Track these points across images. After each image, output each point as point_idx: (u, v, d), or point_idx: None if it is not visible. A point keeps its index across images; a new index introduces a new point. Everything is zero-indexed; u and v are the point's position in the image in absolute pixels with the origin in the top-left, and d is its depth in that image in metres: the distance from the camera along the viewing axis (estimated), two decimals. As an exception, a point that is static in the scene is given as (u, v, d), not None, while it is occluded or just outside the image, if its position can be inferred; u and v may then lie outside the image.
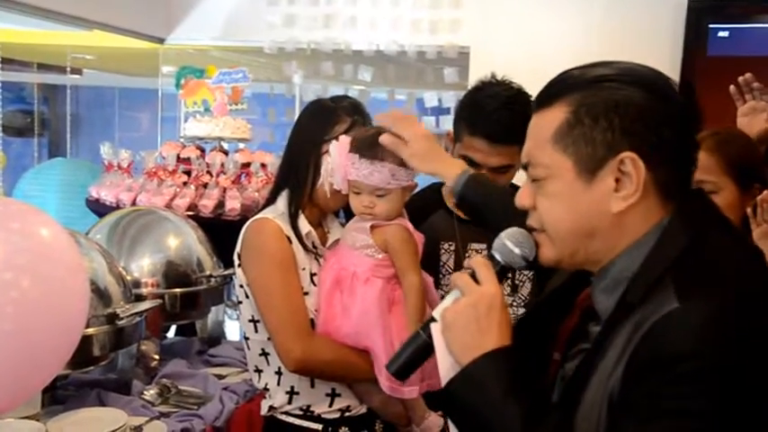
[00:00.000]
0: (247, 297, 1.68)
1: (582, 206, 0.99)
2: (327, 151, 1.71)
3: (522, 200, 1.06)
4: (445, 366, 1.02)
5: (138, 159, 2.94)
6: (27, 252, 1.21)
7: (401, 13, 3.31)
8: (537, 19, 3.19)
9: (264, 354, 1.70)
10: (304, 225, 1.68)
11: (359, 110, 1.83)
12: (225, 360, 2.51)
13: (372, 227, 1.63)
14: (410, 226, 1.66)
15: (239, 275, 1.69)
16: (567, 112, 0.99)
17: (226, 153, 3.05)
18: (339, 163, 1.62)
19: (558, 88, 1.02)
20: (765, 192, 1.87)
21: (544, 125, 1.02)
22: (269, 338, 1.66)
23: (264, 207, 1.80)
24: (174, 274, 2.40)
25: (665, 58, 3.01)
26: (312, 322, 1.65)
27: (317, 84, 3.55)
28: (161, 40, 3.73)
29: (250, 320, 1.69)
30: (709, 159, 1.90)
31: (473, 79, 3.21)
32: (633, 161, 0.95)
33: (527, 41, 3.19)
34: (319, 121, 1.80)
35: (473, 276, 1.05)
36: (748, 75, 2.19)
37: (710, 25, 2.90)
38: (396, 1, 3.31)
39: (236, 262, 1.70)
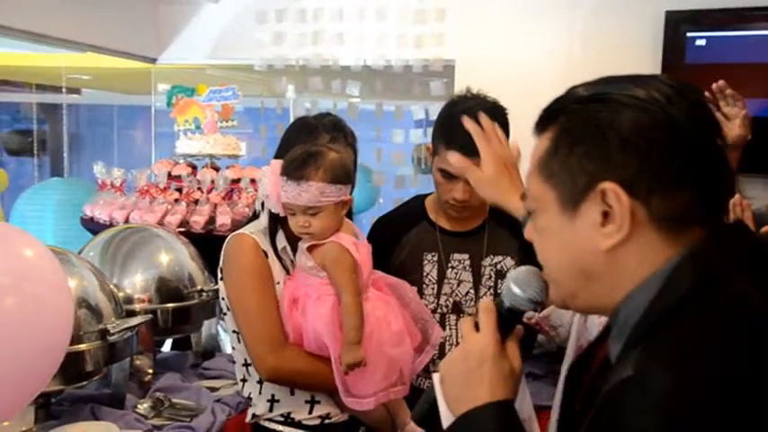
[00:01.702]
0: (229, 309, 1.74)
1: (570, 243, 0.89)
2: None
3: (526, 233, 0.98)
4: (445, 416, 1.00)
5: (131, 178, 3.00)
6: (9, 272, 1.26)
7: (387, 29, 3.37)
8: (520, 31, 3.26)
9: (247, 364, 1.76)
10: (281, 240, 1.74)
11: (339, 126, 1.91)
12: (218, 373, 2.56)
13: (310, 247, 1.67)
14: (347, 241, 1.68)
15: (221, 288, 1.75)
16: (551, 138, 0.90)
17: (217, 170, 3.11)
18: (271, 187, 1.66)
19: (553, 110, 0.92)
20: (737, 195, 1.93)
21: (536, 152, 0.93)
22: None
23: (249, 222, 1.87)
24: (166, 289, 2.46)
25: (645, 66, 3.07)
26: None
27: (306, 99, 3.62)
28: (153, 60, 3.80)
29: (234, 332, 1.75)
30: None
31: (459, 91, 3.30)
32: (615, 193, 0.84)
33: (511, 53, 3.26)
34: (300, 137, 1.86)
35: (477, 323, 1.01)
36: (721, 82, 2.24)
37: (688, 34, 2.96)
38: (382, 16, 3.38)
39: (219, 275, 1.76)
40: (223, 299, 1.75)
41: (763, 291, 0.82)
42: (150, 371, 2.40)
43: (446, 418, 0.99)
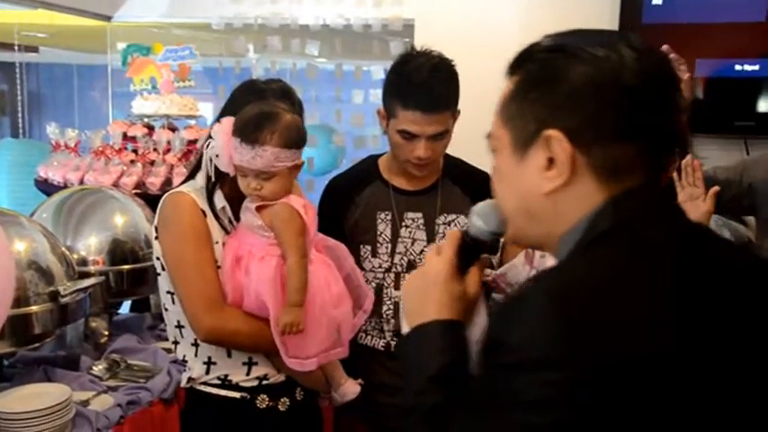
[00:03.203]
0: (164, 269, 1.72)
1: (518, 183, 0.94)
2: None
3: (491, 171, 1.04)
4: (403, 329, 1.07)
5: (85, 139, 2.95)
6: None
7: (345, -13, 3.34)
8: (479, -11, 3.24)
9: (179, 326, 1.74)
10: (219, 200, 1.71)
11: (288, 94, 1.88)
12: (168, 333, 2.56)
13: (258, 207, 1.66)
14: (297, 202, 1.67)
15: (155, 248, 1.72)
16: (514, 83, 0.94)
17: (174, 130, 3.07)
18: (222, 147, 1.64)
19: (521, 56, 0.96)
20: (689, 156, 1.96)
21: (501, 96, 0.97)
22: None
23: (185, 182, 1.84)
24: (121, 251, 2.44)
25: (603, 25, 3.07)
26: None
27: (266, 58, 3.57)
28: (108, 18, 3.71)
29: (168, 292, 1.74)
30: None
31: (404, 50, 3.28)
32: (558, 140, 0.88)
33: (470, 12, 3.24)
34: (247, 100, 1.83)
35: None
36: (665, 46, 2.25)
37: (645, -7, 2.97)
38: (340, -25, 3.34)
39: (153, 234, 1.74)
40: (158, 258, 1.73)
41: (670, 239, 0.87)
42: (106, 333, 2.40)
43: (404, 330, 1.07)
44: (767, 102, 2.85)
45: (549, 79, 0.90)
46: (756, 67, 2.87)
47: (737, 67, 2.92)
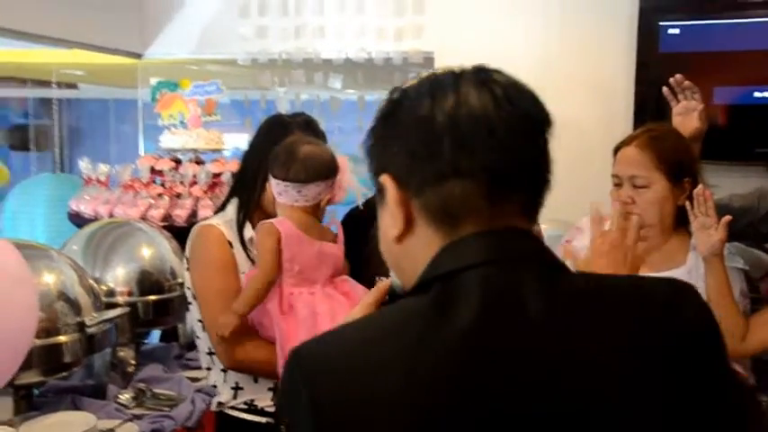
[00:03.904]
0: (195, 298, 1.80)
1: (382, 231, 0.91)
2: None
3: None
4: None
5: (115, 173, 3.06)
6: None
7: (367, 22, 3.41)
8: (497, 22, 3.29)
9: (211, 353, 1.81)
10: (248, 231, 1.79)
11: (311, 126, 1.97)
12: (201, 363, 2.62)
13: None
14: (280, 223, 1.77)
15: (186, 278, 1.81)
16: None
17: (202, 163, 3.16)
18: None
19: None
20: (700, 186, 1.98)
21: None
22: None
23: (216, 213, 1.93)
24: (148, 282, 2.52)
25: (620, 55, 3.11)
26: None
27: (290, 91, 3.66)
28: (139, 56, 3.84)
29: (198, 320, 1.81)
30: (642, 155, 2.02)
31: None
32: (389, 185, 0.87)
33: (488, 44, 3.29)
34: (273, 133, 1.92)
35: None
36: (678, 76, 2.29)
37: (661, 23, 2.99)
38: (361, 9, 3.41)
39: (185, 265, 1.82)
40: (188, 288, 1.81)
41: (479, 295, 0.81)
42: (133, 362, 2.46)
43: None
44: (787, 128, 2.85)
45: (383, 123, 0.89)
46: (775, 95, 2.87)
47: (757, 95, 2.93)
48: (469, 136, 0.84)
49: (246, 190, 1.93)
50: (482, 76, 0.88)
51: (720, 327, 1.86)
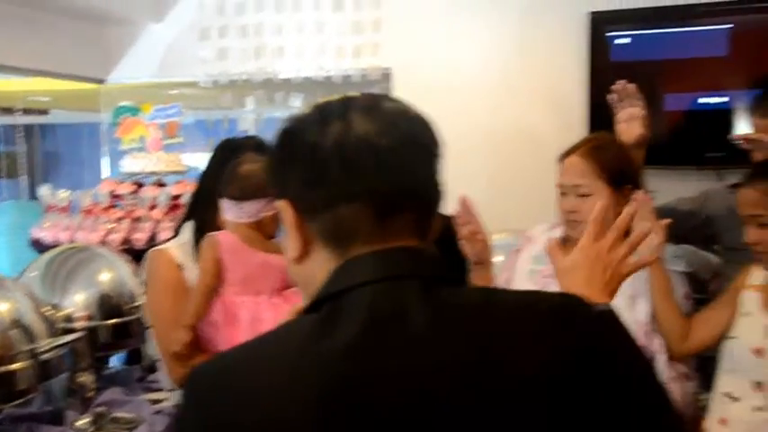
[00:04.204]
0: None
1: (284, 249, 0.95)
2: None
3: None
4: None
5: (75, 199, 3.07)
6: None
7: (325, 41, 3.46)
8: (453, 36, 3.34)
9: (171, 373, 1.84)
10: None
11: (263, 148, 2.01)
12: (164, 385, 2.63)
13: None
14: (222, 237, 1.83)
15: (143, 302, 1.85)
16: None
17: (164, 186, 3.18)
18: None
19: None
20: (639, 191, 2.02)
21: None
22: None
23: (173, 237, 1.96)
24: (108, 306, 2.52)
25: (574, 65, 3.17)
26: None
27: (251, 111, 3.70)
28: (101, 81, 3.86)
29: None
30: (584, 165, 2.05)
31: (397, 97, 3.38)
32: (284, 209, 0.91)
33: (445, 58, 3.34)
34: (225, 156, 1.96)
35: None
36: (622, 83, 2.33)
37: (610, 33, 3.05)
38: (320, 29, 3.46)
39: (143, 290, 1.86)
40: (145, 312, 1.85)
41: (362, 316, 0.83)
42: (93, 387, 2.46)
43: None
44: (733, 133, 2.91)
45: (279, 150, 0.92)
46: (724, 99, 2.93)
47: (705, 101, 2.99)
48: (356, 161, 0.86)
49: (201, 212, 1.97)
50: (370, 103, 0.91)
51: (662, 327, 1.90)
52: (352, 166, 0.86)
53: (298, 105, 3.53)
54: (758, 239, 1.83)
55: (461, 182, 3.43)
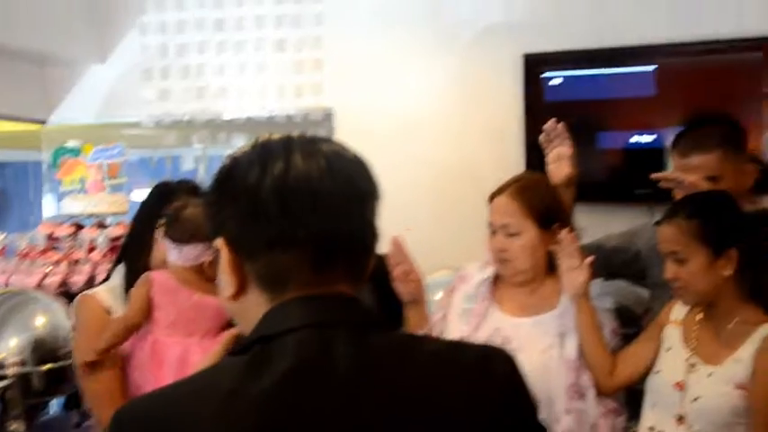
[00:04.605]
0: None
1: (220, 285, 0.96)
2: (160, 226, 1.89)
3: None
4: None
5: (10, 242, 3.03)
6: None
7: (267, 81, 3.49)
8: (393, 76, 3.41)
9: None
10: None
11: (196, 192, 2.02)
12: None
13: None
14: (156, 275, 1.84)
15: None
16: None
17: (105, 227, 3.16)
18: None
19: None
20: (564, 230, 2.07)
21: None
22: None
23: (104, 281, 1.96)
24: (42, 351, 2.50)
25: (511, 105, 3.25)
26: None
27: (194, 151, 3.71)
28: (42, 122, 3.84)
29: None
30: (512, 204, 2.11)
31: (339, 137, 3.42)
32: (222, 248, 0.91)
33: (386, 97, 3.41)
34: (159, 200, 1.98)
35: None
36: (551, 122, 2.40)
37: (544, 74, 3.15)
38: (261, 69, 3.50)
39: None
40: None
41: (289, 361, 0.84)
42: (25, 434, 2.42)
43: None
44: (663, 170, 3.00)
45: (217, 188, 0.93)
46: (653, 138, 3.04)
47: (636, 139, 3.09)
48: (295, 206, 0.87)
49: (133, 255, 1.97)
50: (310, 146, 0.92)
51: (589, 363, 1.94)
52: (291, 209, 0.87)
53: (241, 145, 3.54)
54: (676, 276, 1.89)
55: (402, 220, 3.47)
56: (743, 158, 2.26)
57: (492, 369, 0.93)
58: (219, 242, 0.91)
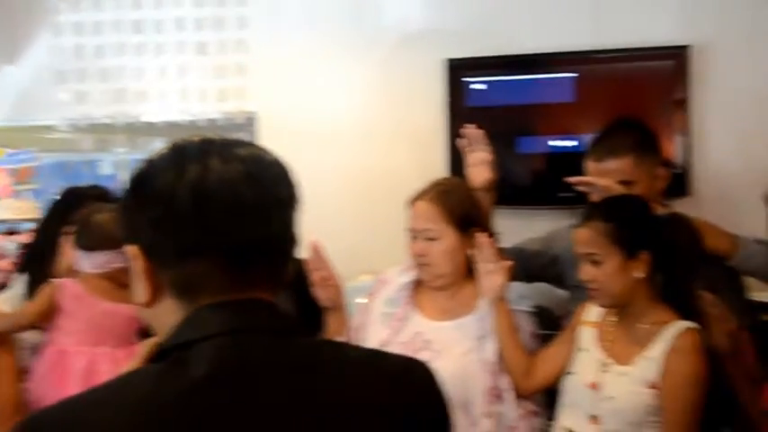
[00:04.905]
0: None
1: (133, 292, 0.94)
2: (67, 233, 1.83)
3: None
4: None
5: None
6: None
7: (188, 84, 3.42)
8: (317, 79, 3.38)
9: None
10: None
11: (106, 197, 1.96)
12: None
13: None
14: (66, 282, 1.82)
15: None
16: None
17: (14, 234, 3.04)
18: None
19: None
20: (481, 234, 2.08)
21: None
22: None
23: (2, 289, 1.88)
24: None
25: (433, 110, 3.26)
26: None
27: (113, 155, 3.60)
28: (-50, 125, 3.67)
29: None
30: (432, 209, 2.11)
31: (263, 142, 3.37)
32: (134, 256, 0.89)
33: (310, 101, 3.38)
34: (66, 206, 1.90)
35: None
36: (470, 128, 2.41)
37: (465, 79, 3.17)
38: (182, 73, 3.42)
39: None
40: None
41: (208, 373, 0.82)
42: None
43: None
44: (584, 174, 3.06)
45: (131, 194, 0.90)
46: (571, 143, 3.09)
47: (557, 144, 3.14)
48: (211, 212, 0.85)
49: (38, 263, 1.90)
50: (228, 150, 0.89)
51: (507, 366, 1.96)
52: (207, 215, 0.85)
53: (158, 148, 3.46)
54: (591, 277, 1.92)
55: (324, 224, 3.45)
56: (655, 163, 2.32)
57: (413, 379, 0.93)
58: (133, 249, 0.89)
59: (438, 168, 3.16)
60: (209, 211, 0.85)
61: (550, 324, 2.54)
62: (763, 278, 2.14)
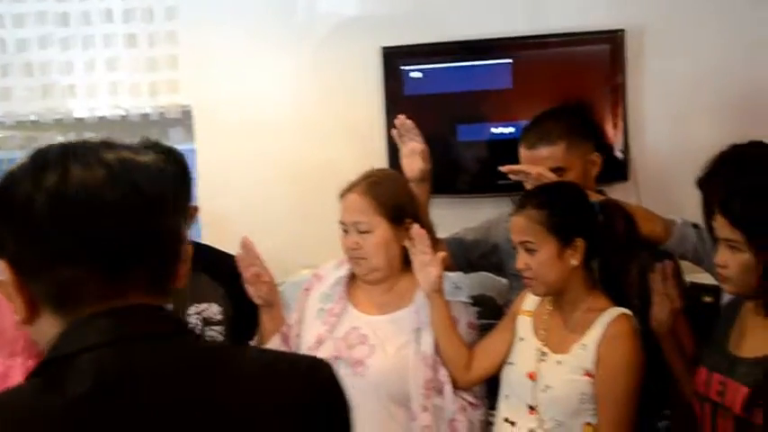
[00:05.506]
0: None
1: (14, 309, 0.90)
2: None
3: None
4: None
5: None
6: None
7: (119, 78, 3.31)
8: (252, 72, 3.29)
9: None
10: None
11: None
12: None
13: None
14: None
15: None
16: None
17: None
18: None
19: None
20: (415, 226, 2.04)
21: None
22: None
23: None
24: None
25: (370, 99, 3.19)
26: None
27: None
28: None
29: None
30: (362, 201, 2.07)
31: (199, 136, 3.28)
32: (4, 269, 0.85)
33: (244, 93, 3.28)
34: None
35: None
36: (401, 117, 2.38)
37: (403, 67, 3.12)
38: (112, 67, 3.31)
39: None
40: None
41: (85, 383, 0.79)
42: None
43: None
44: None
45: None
46: (511, 130, 3.06)
47: (495, 131, 3.12)
48: (72, 220, 0.82)
49: None
50: (91, 155, 0.86)
51: (443, 357, 1.93)
52: (68, 223, 0.82)
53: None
54: (527, 265, 1.90)
55: (261, 218, 3.36)
56: (588, 149, 2.31)
57: (314, 380, 0.92)
58: (2, 263, 0.85)
59: (377, 159, 3.10)
60: (69, 217, 0.82)
61: (493, 313, 2.53)
62: (696, 261, 2.15)
